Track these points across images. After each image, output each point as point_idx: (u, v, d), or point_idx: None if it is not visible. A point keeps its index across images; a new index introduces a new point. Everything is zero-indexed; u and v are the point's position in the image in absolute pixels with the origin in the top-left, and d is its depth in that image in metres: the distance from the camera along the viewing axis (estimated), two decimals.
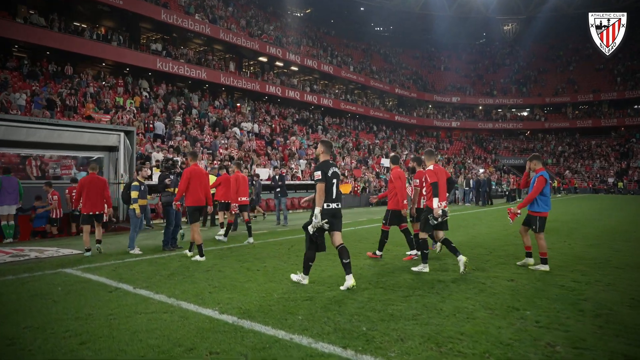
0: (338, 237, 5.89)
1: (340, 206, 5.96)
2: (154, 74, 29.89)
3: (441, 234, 7.06)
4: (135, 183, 9.09)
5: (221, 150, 21.86)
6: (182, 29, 31.55)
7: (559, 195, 40.62)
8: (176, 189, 9.06)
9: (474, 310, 4.85)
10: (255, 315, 4.67)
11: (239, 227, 13.19)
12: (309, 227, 5.78)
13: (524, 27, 62.04)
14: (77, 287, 5.88)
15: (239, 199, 10.45)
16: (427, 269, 6.90)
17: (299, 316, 4.61)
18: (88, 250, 8.60)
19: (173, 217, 9.15)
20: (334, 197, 5.87)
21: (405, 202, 7.85)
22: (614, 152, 52.50)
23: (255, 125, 29.51)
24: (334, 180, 5.90)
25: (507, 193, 30.57)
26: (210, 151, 21.17)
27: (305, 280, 6.06)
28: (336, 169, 6.02)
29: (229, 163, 17.89)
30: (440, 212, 6.74)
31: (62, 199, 12.67)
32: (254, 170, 18.43)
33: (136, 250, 8.80)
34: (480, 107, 60.66)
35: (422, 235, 7.06)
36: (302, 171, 24.84)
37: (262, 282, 6.17)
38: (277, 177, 14.65)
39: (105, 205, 9.13)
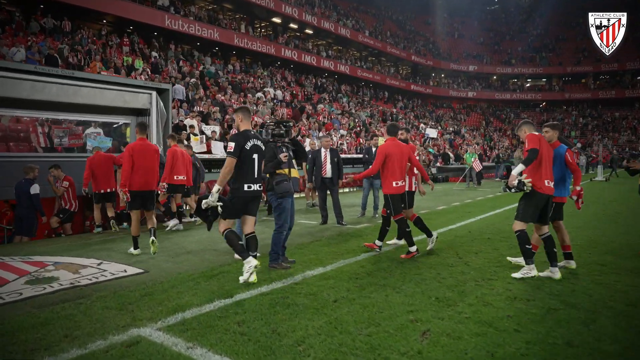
0: (250, 225, 5.04)
1: (261, 187, 5.00)
2: (161, 33, 26.34)
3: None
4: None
5: (256, 119, 18.45)
6: None
7: None
8: (292, 170, 5.70)
9: None
10: None
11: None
12: (203, 201, 4.70)
13: None
14: None
15: (175, 178, 8.93)
16: (534, 272, 4.98)
17: None
18: (99, 226, 8.77)
19: (288, 215, 5.61)
20: (255, 176, 4.87)
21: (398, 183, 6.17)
22: None
23: (278, 92, 26.12)
24: (255, 156, 4.85)
25: None
26: None
27: (253, 262, 4.61)
28: (258, 142, 4.92)
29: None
30: (515, 182, 5.12)
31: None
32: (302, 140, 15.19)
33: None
34: (495, 77, 57.51)
35: (519, 226, 5.09)
36: (347, 143, 21.60)
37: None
38: (366, 150, 11.41)
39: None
